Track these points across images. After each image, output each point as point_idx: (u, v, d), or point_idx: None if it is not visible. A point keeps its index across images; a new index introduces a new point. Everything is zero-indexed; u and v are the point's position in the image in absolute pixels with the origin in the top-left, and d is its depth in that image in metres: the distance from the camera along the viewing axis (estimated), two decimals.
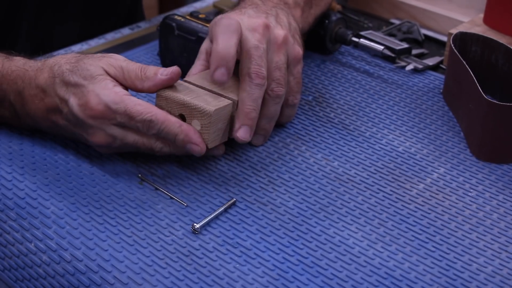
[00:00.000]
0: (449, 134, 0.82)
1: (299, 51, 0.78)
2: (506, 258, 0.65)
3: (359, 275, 0.63)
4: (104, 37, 1.05)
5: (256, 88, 0.73)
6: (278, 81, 0.75)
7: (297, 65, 0.79)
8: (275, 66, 0.75)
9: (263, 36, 0.75)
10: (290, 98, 0.79)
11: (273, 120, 0.77)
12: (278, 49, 0.76)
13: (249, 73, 0.73)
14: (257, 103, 0.73)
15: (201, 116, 0.70)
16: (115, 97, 0.70)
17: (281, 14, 0.80)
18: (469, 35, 0.86)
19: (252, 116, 0.73)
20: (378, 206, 0.71)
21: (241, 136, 0.73)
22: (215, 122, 0.71)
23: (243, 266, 0.63)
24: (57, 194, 0.71)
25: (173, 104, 0.71)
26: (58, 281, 0.63)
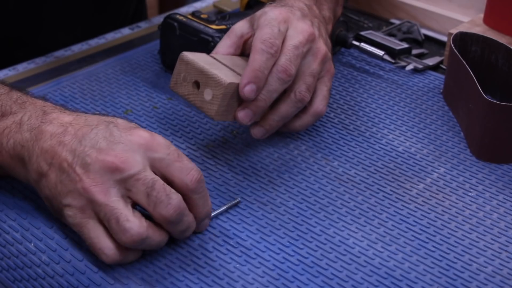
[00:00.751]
0: (449, 134, 0.82)
1: (333, 68, 0.79)
2: (506, 258, 0.65)
3: (359, 275, 0.63)
4: (104, 37, 1.05)
5: (277, 81, 0.72)
6: (308, 86, 0.75)
7: (331, 80, 0.79)
8: (311, 73, 0.75)
9: (307, 41, 0.75)
10: (316, 106, 0.78)
11: (283, 121, 0.76)
12: (317, 59, 0.76)
13: (278, 66, 0.72)
14: (271, 95, 0.73)
15: (215, 85, 0.70)
16: None
17: (322, 29, 0.80)
18: (469, 35, 0.86)
19: (260, 105, 0.72)
20: (378, 206, 0.71)
21: (240, 117, 0.72)
22: (227, 96, 0.70)
23: (243, 266, 0.63)
24: None
25: (192, 69, 0.71)
26: (58, 281, 0.63)
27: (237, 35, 0.77)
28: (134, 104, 0.86)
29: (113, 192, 0.60)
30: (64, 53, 1.00)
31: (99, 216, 0.61)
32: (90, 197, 0.60)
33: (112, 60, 0.96)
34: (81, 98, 0.87)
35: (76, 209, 0.61)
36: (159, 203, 0.60)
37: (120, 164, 0.60)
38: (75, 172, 0.61)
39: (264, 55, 0.72)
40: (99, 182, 0.60)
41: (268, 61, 0.72)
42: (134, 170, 0.61)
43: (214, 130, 0.82)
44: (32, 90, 0.89)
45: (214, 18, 0.89)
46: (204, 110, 0.71)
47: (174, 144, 0.79)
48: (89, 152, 0.61)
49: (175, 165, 0.62)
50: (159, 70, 0.94)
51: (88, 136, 0.62)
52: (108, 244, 0.61)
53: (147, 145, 0.62)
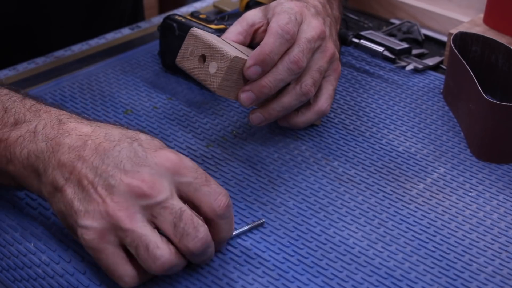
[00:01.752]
0: (449, 134, 0.82)
1: (340, 68, 0.79)
2: (506, 258, 0.65)
3: (359, 275, 0.63)
4: (104, 37, 1.05)
5: (287, 71, 0.72)
6: (314, 81, 0.75)
7: (337, 79, 0.79)
8: (318, 68, 0.75)
9: (318, 38, 0.75)
10: (320, 104, 0.78)
11: (284, 112, 0.76)
12: (325, 57, 0.76)
13: (290, 56, 0.72)
14: (277, 83, 0.72)
15: (221, 58, 0.70)
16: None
17: (333, 28, 0.81)
18: (469, 35, 0.86)
19: (264, 91, 0.72)
20: (378, 206, 0.71)
21: (242, 98, 0.72)
22: (231, 70, 0.70)
23: (243, 266, 0.63)
24: None
25: (200, 43, 0.71)
26: (57, 281, 0.63)
27: (248, 23, 0.76)
28: (134, 104, 0.86)
29: (139, 218, 0.57)
30: (64, 53, 1.00)
31: (123, 242, 0.57)
32: (115, 222, 0.56)
33: (112, 60, 0.96)
34: (81, 98, 0.87)
35: (95, 233, 0.57)
36: (186, 235, 0.57)
37: (147, 189, 0.57)
38: (97, 192, 0.57)
39: (279, 39, 0.71)
40: (125, 206, 0.56)
41: (281, 46, 0.72)
42: (161, 197, 0.57)
43: (214, 130, 0.82)
44: (32, 90, 0.89)
45: (213, 18, 0.89)
46: (207, 83, 0.71)
47: (174, 144, 0.79)
48: (113, 172, 0.57)
49: (203, 190, 0.59)
50: (159, 70, 0.93)
51: (110, 154, 0.58)
52: (128, 272, 0.58)
53: (174, 168, 0.59)
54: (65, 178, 0.59)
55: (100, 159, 0.59)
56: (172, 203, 0.57)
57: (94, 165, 0.58)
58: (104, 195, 0.57)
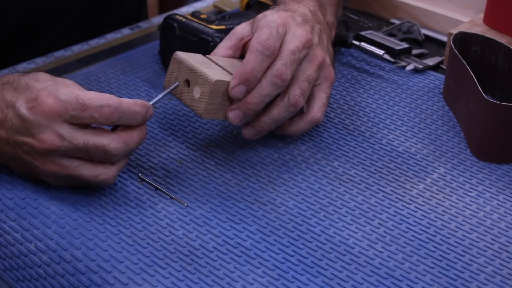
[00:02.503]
0: (449, 134, 0.82)
1: (333, 74, 0.78)
2: (506, 258, 0.65)
3: (359, 275, 0.63)
4: (104, 37, 1.05)
5: (271, 85, 0.72)
6: (302, 91, 0.74)
7: (330, 86, 0.78)
8: (306, 78, 0.75)
9: (304, 47, 0.74)
10: (313, 113, 0.77)
11: (275, 124, 0.76)
12: (313, 65, 0.75)
13: (273, 70, 0.72)
14: (263, 99, 0.72)
15: (203, 83, 0.70)
16: (67, 90, 0.66)
17: (324, 34, 0.80)
18: (469, 35, 0.86)
19: (251, 108, 0.72)
20: (378, 206, 0.71)
21: (231, 117, 0.72)
22: (214, 94, 0.71)
23: (243, 266, 0.63)
24: (57, 194, 0.71)
25: (183, 68, 0.72)
26: (58, 281, 0.63)
27: (237, 37, 0.77)
28: None
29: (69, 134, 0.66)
30: (64, 53, 1.00)
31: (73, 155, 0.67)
32: (53, 150, 0.66)
33: (112, 60, 0.96)
34: None
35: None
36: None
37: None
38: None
39: (259, 56, 0.71)
40: (50, 140, 0.66)
41: (263, 63, 0.72)
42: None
43: (214, 130, 0.82)
44: None
45: (213, 18, 0.89)
46: (194, 108, 0.72)
47: (174, 144, 0.79)
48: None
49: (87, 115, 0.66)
50: (159, 70, 0.94)
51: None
52: (100, 170, 0.68)
53: (56, 113, 0.66)
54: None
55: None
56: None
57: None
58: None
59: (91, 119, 0.66)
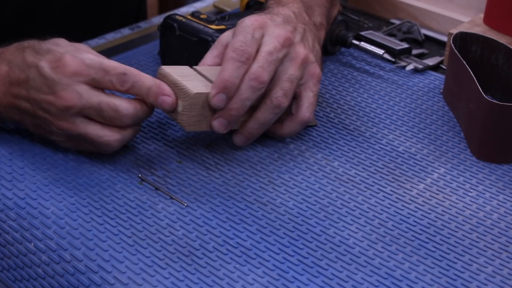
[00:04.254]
0: (449, 134, 0.82)
1: (318, 70, 0.77)
2: (506, 258, 0.65)
3: (360, 275, 0.63)
4: (104, 37, 1.05)
5: (249, 89, 0.72)
6: (285, 92, 0.74)
7: (317, 84, 0.77)
8: (288, 78, 0.74)
9: (282, 46, 0.74)
10: (302, 114, 0.76)
11: (263, 128, 0.76)
12: (295, 64, 0.75)
13: (250, 73, 0.72)
14: (244, 103, 0.72)
15: (183, 96, 0.71)
16: (91, 56, 0.72)
17: (309, 34, 0.79)
18: (469, 35, 0.86)
19: (233, 114, 0.72)
20: (378, 206, 0.71)
21: (215, 126, 0.73)
22: (195, 106, 0.71)
23: (243, 266, 0.63)
24: (57, 194, 0.71)
25: (167, 82, 0.73)
26: (58, 281, 0.63)
27: (222, 45, 0.77)
28: None
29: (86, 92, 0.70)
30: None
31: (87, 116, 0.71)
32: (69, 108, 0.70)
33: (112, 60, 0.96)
34: None
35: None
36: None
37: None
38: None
39: (235, 63, 0.71)
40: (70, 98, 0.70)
41: (239, 69, 0.72)
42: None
43: None
44: None
45: (213, 18, 0.89)
46: (178, 121, 0.72)
47: (175, 143, 0.79)
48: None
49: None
50: None
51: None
52: (107, 132, 0.72)
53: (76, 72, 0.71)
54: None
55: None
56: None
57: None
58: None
59: (109, 84, 0.71)
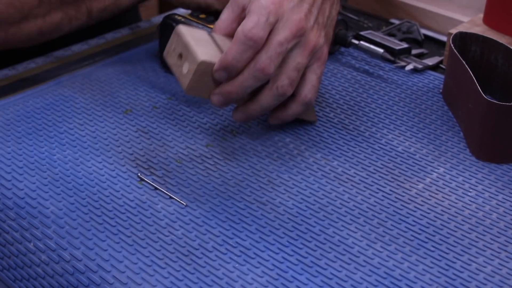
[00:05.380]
0: (449, 134, 0.82)
1: (325, 54, 0.77)
2: (505, 257, 0.65)
3: (359, 275, 0.63)
4: (104, 37, 1.05)
5: (253, 78, 0.71)
6: (291, 81, 0.74)
7: (321, 66, 0.77)
8: (295, 67, 0.74)
9: (294, 37, 0.73)
10: (304, 95, 0.76)
11: (264, 111, 0.76)
12: (305, 52, 0.74)
13: (256, 62, 0.71)
14: (244, 90, 0.72)
15: (191, 60, 0.71)
16: None
17: (326, 5, 0.77)
18: (469, 35, 0.86)
19: (232, 97, 0.72)
20: (377, 205, 0.71)
21: (213, 101, 0.73)
22: (199, 72, 0.71)
23: (242, 266, 0.63)
24: (57, 194, 0.71)
25: (180, 42, 0.72)
26: (57, 280, 0.63)
27: (239, 7, 0.74)
28: (134, 104, 0.86)
29: None
30: (64, 53, 1.00)
31: None
32: None
33: (112, 60, 0.96)
34: (81, 98, 0.87)
35: None
36: None
37: None
38: None
39: (241, 46, 0.70)
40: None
41: (245, 54, 0.71)
42: None
43: (214, 130, 0.82)
44: (32, 90, 0.89)
45: (212, 18, 0.89)
46: (180, 82, 0.73)
47: (174, 143, 0.79)
48: None
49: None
50: (159, 70, 0.94)
51: None
52: None
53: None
54: None
55: None
56: None
57: None
58: None
59: None
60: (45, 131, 0.81)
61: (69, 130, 0.81)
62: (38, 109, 0.85)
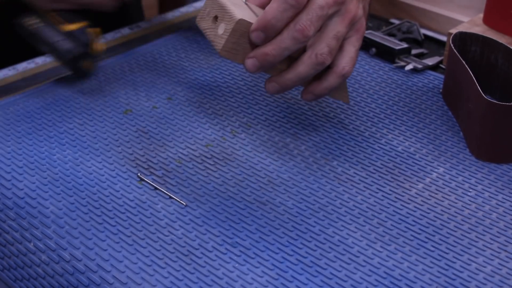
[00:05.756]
0: (448, 134, 0.82)
1: (364, 27, 0.76)
2: (505, 257, 0.65)
3: (358, 275, 0.63)
4: (104, 37, 1.05)
5: (291, 39, 0.70)
6: (330, 49, 0.72)
7: (360, 39, 0.76)
8: (335, 35, 0.72)
9: (335, 3, 0.71)
10: (341, 66, 0.74)
11: (299, 81, 0.74)
12: (345, 21, 0.73)
13: (296, 23, 0.70)
14: (282, 52, 0.71)
15: (228, 20, 0.70)
16: None
17: None
18: (469, 35, 0.86)
19: (268, 59, 0.71)
20: (377, 205, 0.71)
21: (247, 65, 0.72)
22: (236, 32, 0.70)
23: (242, 266, 0.63)
24: (56, 193, 0.71)
25: (215, 4, 0.72)
26: (57, 280, 0.64)
27: None
28: (133, 104, 0.86)
29: None
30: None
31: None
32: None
33: (112, 60, 0.96)
34: (81, 98, 0.87)
35: None
36: None
37: None
38: None
39: (282, 5, 0.69)
40: None
41: (285, 12, 0.69)
42: None
43: (213, 130, 0.82)
44: (32, 90, 0.89)
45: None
46: (214, 44, 0.72)
47: (174, 143, 0.79)
48: None
49: None
50: (159, 70, 0.94)
51: None
52: None
53: None
54: None
55: None
56: None
57: None
58: None
59: None
60: (45, 131, 0.81)
61: (69, 130, 0.81)
62: (38, 109, 0.85)
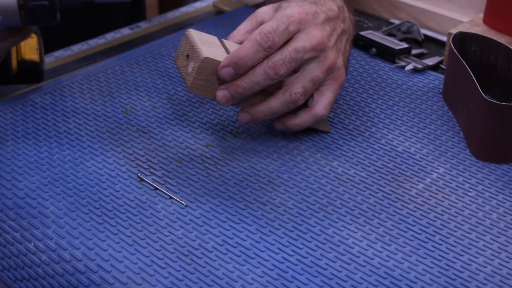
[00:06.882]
0: (449, 134, 0.82)
1: (343, 77, 0.77)
2: (505, 258, 0.65)
3: (359, 275, 0.63)
4: (104, 37, 1.05)
5: (263, 75, 0.72)
6: (305, 90, 0.74)
7: (338, 88, 0.77)
8: (312, 78, 0.74)
9: (312, 49, 0.74)
10: (318, 109, 0.76)
11: (271, 116, 0.76)
12: (323, 67, 0.75)
13: (269, 60, 0.72)
14: (253, 86, 0.72)
15: (196, 58, 0.72)
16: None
17: (344, 36, 0.79)
18: (469, 35, 0.86)
19: (239, 91, 0.72)
20: (377, 205, 0.71)
21: (218, 97, 0.73)
22: (203, 70, 0.72)
23: (242, 266, 0.63)
24: (56, 194, 0.71)
25: (187, 44, 0.74)
26: (58, 280, 0.63)
27: (257, 21, 0.76)
28: (133, 104, 0.86)
29: None
30: (64, 53, 1.00)
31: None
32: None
33: (112, 60, 0.96)
34: (81, 98, 0.87)
35: None
36: None
37: None
38: None
39: (255, 46, 0.71)
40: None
41: (257, 54, 0.71)
42: None
43: (214, 130, 0.82)
44: (32, 90, 0.89)
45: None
46: (185, 81, 0.74)
47: (174, 143, 0.79)
48: None
49: None
50: (158, 70, 0.94)
51: None
52: None
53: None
54: None
55: None
56: None
57: None
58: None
59: None
60: (44, 131, 0.81)
61: (69, 130, 0.81)
62: (38, 109, 0.85)
